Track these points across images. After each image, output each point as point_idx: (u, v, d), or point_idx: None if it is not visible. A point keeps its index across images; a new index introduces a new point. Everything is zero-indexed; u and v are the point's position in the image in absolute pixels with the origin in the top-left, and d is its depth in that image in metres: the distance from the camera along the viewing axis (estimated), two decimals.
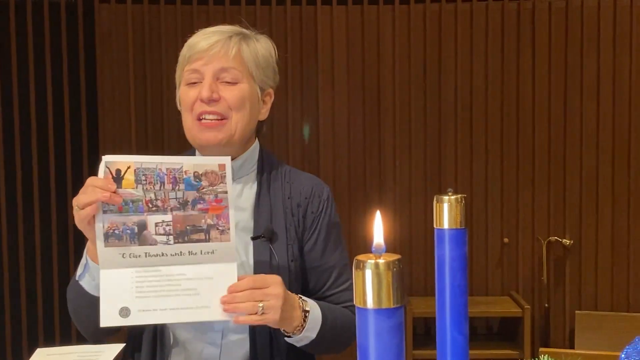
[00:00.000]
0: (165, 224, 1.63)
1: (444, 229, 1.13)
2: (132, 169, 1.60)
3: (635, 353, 1.20)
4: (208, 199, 1.65)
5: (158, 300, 1.63)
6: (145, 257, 1.63)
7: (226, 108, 1.80)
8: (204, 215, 1.66)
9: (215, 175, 1.66)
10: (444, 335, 1.14)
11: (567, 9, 4.50)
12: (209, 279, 1.66)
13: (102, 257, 1.61)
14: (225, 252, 1.67)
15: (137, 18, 4.50)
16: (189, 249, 1.65)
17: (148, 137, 4.51)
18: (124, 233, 1.61)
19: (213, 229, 1.66)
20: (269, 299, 1.63)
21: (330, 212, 1.91)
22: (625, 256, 4.53)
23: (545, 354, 1.32)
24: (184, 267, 1.65)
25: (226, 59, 1.80)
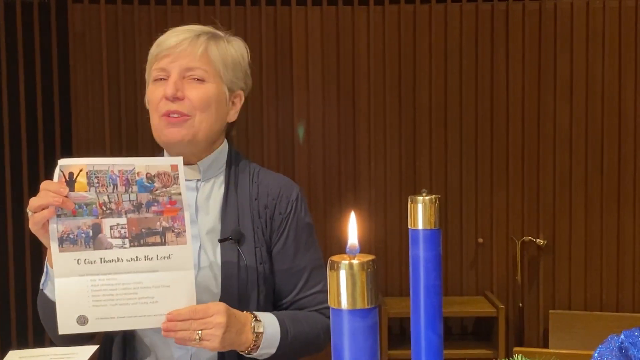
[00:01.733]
0: (120, 226, 1.61)
1: (418, 230, 1.13)
2: (84, 172, 1.58)
3: (608, 352, 1.20)
4: (162, 201, 1.63)
5: (115, 309, 1.62)
6: (101, 262, 1.61)
7: (190, 107, 1.78)
8: (159, 218, 1.64)
9: (168, 176, 1.64)
10: (418, 335, 1.14)
11: (541, 10, 4.53)
12: (166, 287, 1.64)
13: (56, 263, 1.59)
14: (182, 257, 1.65)
15: (111, 18, 4.48)
16: (145, 253, 1.63)
17: (122, 137, 4.49)
18: (78, 237, 1.59)
19: (169, 232, 1.64)
20: (209, 327, 1.62)
21: (299, 213, 1.88)
22: (599, 256, 4.56)
23: (520, 354, 1.32)
24: (140, 275, 1.63)
25: (192, 57, 1.79)
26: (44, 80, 4.43)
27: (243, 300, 1.77)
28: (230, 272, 1.77)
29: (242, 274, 1.77)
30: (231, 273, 1.77)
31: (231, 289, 1.77)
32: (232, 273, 1.77)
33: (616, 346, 1.20)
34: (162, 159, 1.68)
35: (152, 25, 4.46)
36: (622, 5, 4.50)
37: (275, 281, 1.87)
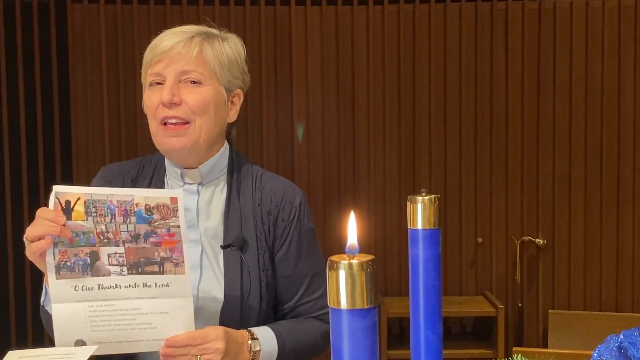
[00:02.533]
0: (118, 255, 1.60)
1: (417, 230, 1.13)
2: (82, 201, 1.56)
3: (607, 352, 1.21)
4: (160, 233, 1.62)
5: (113, 334, 1.62)
6: (99, 289, 1.60)
7: (188, 112, 1.75)
8: (157, 248, 1.62)
9: (167, 208, 1.62)
10: (417, 335, 1.14)
11: (540, 10, 4.53)
12: (165, 314, 1.64)
13: (53, 290, 1.58)
14: (180, 286, 1.64)
15: (110, 18, 4.47)
16: (143, 280, 1.62)
17: (121, 137, 4.48)
18: (75, 264, 1.58)
19: (167, 262, 1.63)
20: (208, 353, 1.62)
21: (302, 219, 1.85)
22: (598, 256, 4.56)
23: (519, 354, 1.32)
24: (138, 302, 1.62)
25: (187, 61, 1.75)
26: (44, 80, 4.43)
27: (245, 307, 1.76)
28: (234, 279, 1.76)
29: (245, 281, 1.76)
30: (234, 280, 1.76)
31: (234, 296, 1.76)
32: (235, 280, 1.75)
33: (615, 346, 1.21)
34: (162, 191, 1.66)
35: (151, 25, 4.46)
36: (621, 5, 4.50)
37: (276, 287, 1.85)
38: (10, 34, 4.37)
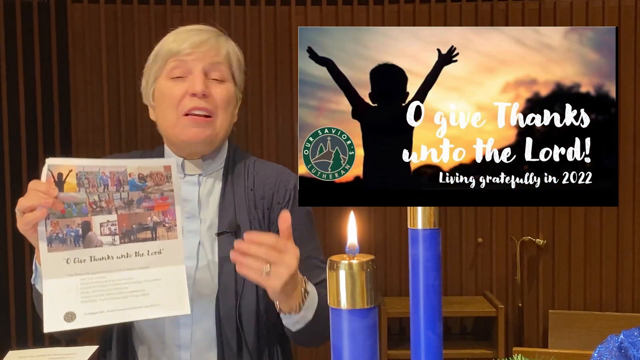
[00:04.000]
0: (110, 223, 1.60)
1: (417, 229, 1.13)
2: (74, 173, 1.56)
3: (607, 352, 1.21)
4: (154, 197, 1.62)
5: (104, 303, 1.59)
6: (91, 261, 1.59)
7: (214, 105, 1.78)
8: (149, 213, 1.62)
9: (161, 175, 1.62)
10: (418, 335, 1.14)
11: (540, 10, 4.53)
12: (157, 280, 1.62)
13: (45, 264, 1.56)
14: (173, 252, 1.63)
15: (110, 18, 4.47)
16: (136, 249, 1.61)
17: (121, 137, 4.48)
18: (67, 236, 1.57)
19: (160, 227, 1.63)
20: (280, 265, 1.54)
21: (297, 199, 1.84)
22: (598, 256, 4.57)
23: (519, 354, 1.32)
24: (131, 272, 1.61)
25: (217, 55, 1.79)
26: (44, 80, 4.43)
27: (241, 293, 1.75)
28: (228, 265, 1.74)
29: None
30: (228, 266, 1.74)
31: (229, 282, 1.75)
32: (229, 266, 1.73)
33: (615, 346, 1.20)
34: (154, 161, 1.65)
35: (151, 24, 4.46)
36: (622, 5, 4.50)
37: None
38: (10, 34, 4.37)
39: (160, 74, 1.81)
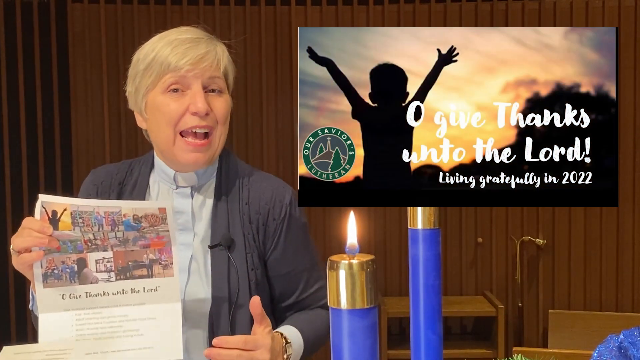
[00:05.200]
0: (106, 260, 1.58)
1: (417, 229, 1.13)
2: (69, 212, 1.54)
3: (607, 352, 1.21)
4: (150, 236, 1.60)
5: (99, 343, 1.58)
6: (86, 297, 1.58)
7: (214, 121, 1.74)
8: (145, 251, 1.60)
9: (156, 217, 1.60)
10: (418, 335, 1.14)
11: (540, 10, 4.53)
12: (152, 319, 1.61)
13: (40, 300, 1.56)
14: (169, 289, 1.62)
15: (110, 18, 4.47)
16: (132, 286, 1.60)
17: (121, 137, 4.48)
18: (63, 272, 1.56)
19: (156, 264, 1.61)
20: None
21: (294, 215, 1.81)
22: (598, 255, 4.57)
23: (519, 353, 1.32)
24: (126, 308, 1.60)
25: (217, 70, 1.74)
26: (44, 80, 4.43)
27: (234, 307, 1.73)
28: (221, 279, 1.73)
29: (233, 281, 1.73)
30: (221, 280, 1.73)
31: (222, 297, 1.73)
32: (222, 279, 1.73)
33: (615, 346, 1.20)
34: (149, 203, 1.64)
35: (151, 25, 4.46)
36: (622, 5, 4.50)
37: (271, 286, 1.82)
38: (10, 34, 4.37)
39: (154, 87, 1.76)
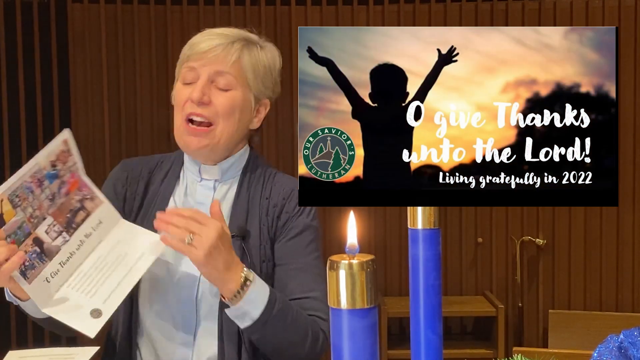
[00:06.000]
0: (51, 226, 1.63)
1: (417, 229, 1.13)
2: (6, 199, 1.55)
3: (607, 352, 1.21)
4: (67, 179, 1.66)
5: (106, 285, 1.64)
6: (62, 266, 1.63)
7: (214, 113, 1.79)
8: (71, 196, 1.67)
9: (65, 153, 1.66)
10: (417, 335, 1.14)
11: (540, 10, 4.53)
12: (120, 242, 1.70)
13: (34, 297, 1.58)
14: (108, 215, 1.72)
15: (111, 18, 4.47)
16: (84, 232, 1.67)
17: (121, 137, 4.48)
18: (32, 260, 1.58)
19: (85, 202, 1.69)
20: (201, 235, 1.60)
21: (307, 214, 1.85)
22: (598, 255, 4.57)
23: (519, 353, 1.32)
24: (95, 253, 1.68)
25: (224, 64, 1.79)
26: (44, 80, 4.42)
27: None
28: None
29: None
30: None
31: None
32: None
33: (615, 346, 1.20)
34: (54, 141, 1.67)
35: (151, 24, 4.46)
36: (622, 5, 4.50)
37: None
38: (10, 34, 4.37)
39: (178, 78, 1.85)
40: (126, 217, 1.84)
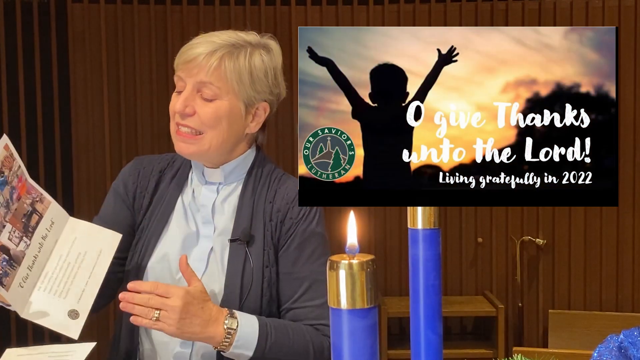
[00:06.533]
0: (11, 232, 1.64)
1: (417, 229, 1.13)
2: None
3: (607, 352, 1.21)
4: (15, 184, 1.66)
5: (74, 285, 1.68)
6: (30, 270, 1.66)
7: (200, 124, 1.79)
8: (22, 201, 1.68)
9: (8, 158, 1.65)
10: (417, 335, 1.14)
11: (540, 10, 4.53)
12: (76, 239, 1.73)
13: (13, 303, 1.63)
14: (58, 215, 1.74)
15: (111, 18, 4.47)
16: (41, 235, 1.70)
17: (121, 137, 4.48)
18: (3, 267, 1.61)
19: (36, 204, 1.71)
20: (166, 309, 1.62)
21: (311, 220, 1.83)
22: (598, 255, 4.56)
23: (519, 353, 1.33)
24: (55, 252, 1.72)
25: (205, 74, 1.77)
26: (44, 80, 4.42)
27: (245, 302, 1.76)
28: (235, 273, 1.76)
29: (247, 276, 1.76)
30: (235, 273, 1.76)
31: (233, 289, 1.76)
32: (237, 274, 1.76)
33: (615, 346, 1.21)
34: None
35: (151, 24, 4.46)
36: (622, 5, 4.50)
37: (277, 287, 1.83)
38: (10, 34, 4.37)
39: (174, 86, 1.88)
40: (135, 213, 1.89)
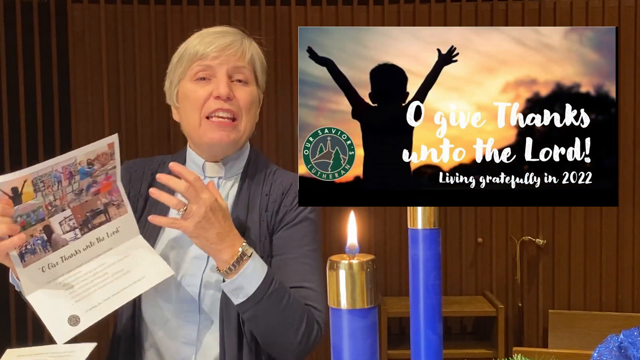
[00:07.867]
0: (67, 219, 1.63)
1: (417, 229, 1.13)
2: (30, 181, 1.55)
3: (607, 352, 1.21)
4: (100, 180, 1.65)
5: (96, 295, 1.63)
6: (62, 261, 1.63)
7: (238, 108, 1.82)
8: (98, 197, 1.67)
9: (106, 155, 1.65)
10: (417, 335, 1.14)
11: (540, 10, 4.53)
12: (127, 257, 1.70)
13: (23, 281, 1.58)
14: (127, 227, 1.72)
15: (111, 18, 4.47)
16: (97, 235, 1.67)
17: (121, 137, 4.46)
18: (35, 245, 1.58)
19: (110, 207, 1.69)
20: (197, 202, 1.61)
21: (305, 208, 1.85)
22: (598, 255, 4.57)
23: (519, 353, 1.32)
24: (99, 259, 1.68)
25: (242, 59, 1.83)
26: (44, 80, 4.42)
27: None
28: None
29: None
30: None
31: None
32: None
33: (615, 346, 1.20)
34: (99, 142, 1.66)
35: (151, 25, 4.46)
36: (622, 5, 4.50)
37: None
38: (10, 34, 4.37)
39: (185, 76, 1.85)
40: None
